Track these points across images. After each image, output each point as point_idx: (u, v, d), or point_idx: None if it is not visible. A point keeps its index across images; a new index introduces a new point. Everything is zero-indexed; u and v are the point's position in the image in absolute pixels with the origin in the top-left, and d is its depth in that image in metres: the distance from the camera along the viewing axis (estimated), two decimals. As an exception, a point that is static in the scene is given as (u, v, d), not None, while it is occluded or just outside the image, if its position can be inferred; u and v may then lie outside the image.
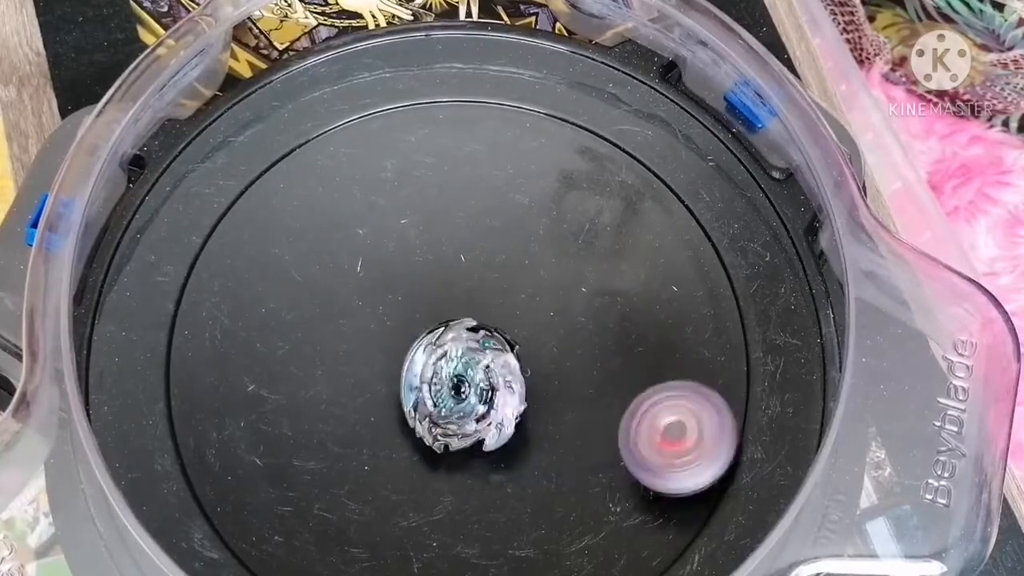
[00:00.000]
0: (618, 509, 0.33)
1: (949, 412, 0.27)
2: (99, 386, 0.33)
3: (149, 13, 0.44)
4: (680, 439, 0.31)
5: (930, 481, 0.27)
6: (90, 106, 0.36)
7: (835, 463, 0.28)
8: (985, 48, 0.43)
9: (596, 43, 0.39)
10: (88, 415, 0.31)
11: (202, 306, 0.35)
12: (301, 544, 0.32)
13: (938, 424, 0.27)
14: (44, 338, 0.29)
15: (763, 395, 0.34)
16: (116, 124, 0.32)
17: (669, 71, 0.38)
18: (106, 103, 0.33)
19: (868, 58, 0.46)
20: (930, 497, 0.27)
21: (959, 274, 0.29)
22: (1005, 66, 0.43)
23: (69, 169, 0.32)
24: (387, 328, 0.35)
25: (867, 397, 0.28)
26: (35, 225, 0.34)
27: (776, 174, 0.37)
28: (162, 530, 0.30)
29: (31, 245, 0.33)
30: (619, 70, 0.38)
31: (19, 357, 0.32)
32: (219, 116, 0.37)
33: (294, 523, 0.32)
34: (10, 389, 0.34)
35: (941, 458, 0.27)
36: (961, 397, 0.28)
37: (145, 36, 0.43)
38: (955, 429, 0.27)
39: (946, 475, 0.27)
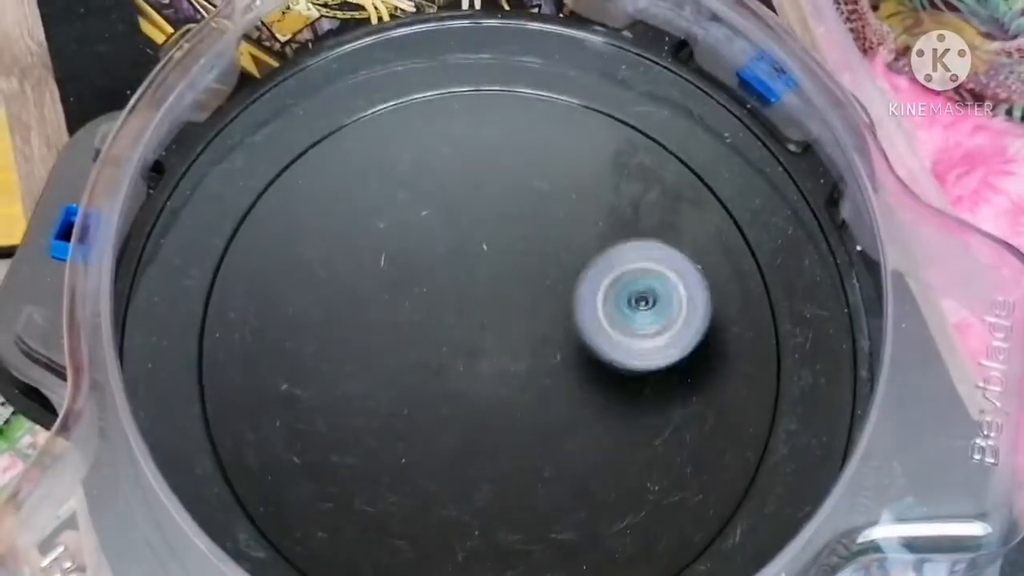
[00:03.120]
0: (656, 488, 0.33)
1: (992, 373, 0.28)
2: (133, 393, 0.33)
3: (151, 5, 0.43)
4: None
5: (977, 441, 0.27)
6: (104, 115, 0.36)
7: (876, 431, 0.29)
8: (989, 36, 0.43)
9: (606, 25, 0.39)
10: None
11: (230, 308, 0.35)
12: (344, 539, 0.32)
13: (982, 385, 0.28)
14: (84, 351, 0.29)
15: (794, 367, 0.34)
16: (141, 132, 0.32)
17: (680, 50, 0.38)
18: (131, 110, 0.33)
19: (872, 47, 0.46)
20: (978, 457, 0.27)
21: (989, 236, 0.29)
22: (1009, 55, 0.43)
23: (98, 180, 0.32)
24: (414, 320, 0.35)
25: (907, 363, 0.28)
26: (59, 237, 0.34)
27: (793, 147, 0.37)
28: (207, 532, 0.30)
29: (56, 258, 0.33)
30: (631, 51, 0.38)
31: (52, 371, 0.32)
32: (235, 118, 0.37)
33: (336, 519, 0.32)
34: (42, 399, 0.34)
35: (987, 418, 0.27)
36: (1001, 357, 0.28)
37: (147, 28, 0.43)
38: (998, 389, 0.28)
39: (993, 434, 0.27)
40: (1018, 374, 0.28)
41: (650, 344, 0.32)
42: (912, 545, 0.28)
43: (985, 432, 0.27)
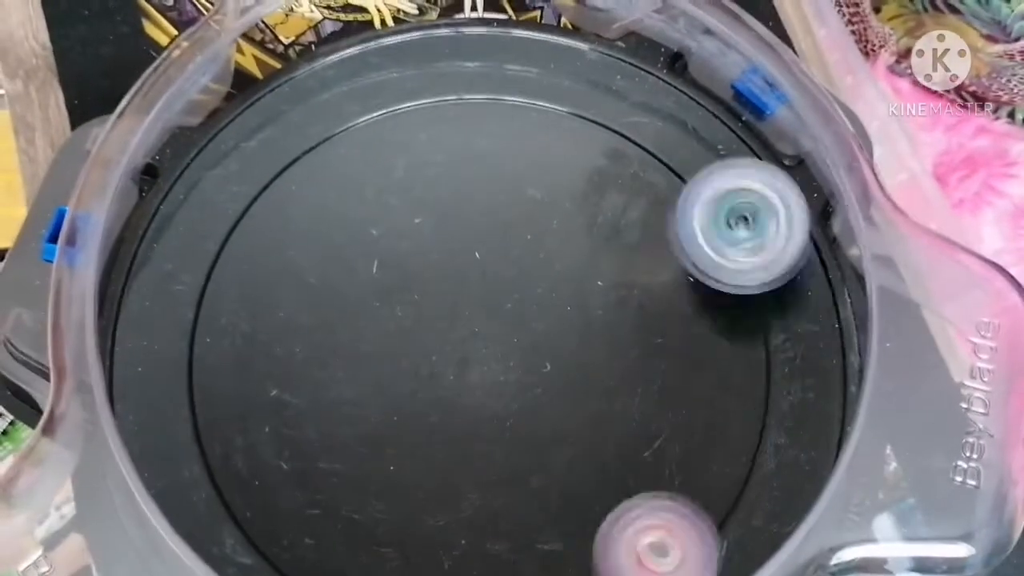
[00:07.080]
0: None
1: (975, 394, 0.28)
2: (123, 397, 0.33)
3: (155, 7, 0.44)
4: (662, 559, 0.30)
5: (959, 463, 0.27)
6: (100, 117, 0.36)
7: (860, 447, 0.29)
8: (991, 39, 0.43)
9: (602, 37, 0.39)
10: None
11: (221, 313, 0.35)
12: (331, 546, 0.32)
13: (965, 406, 0.28)
14: (69, 353, 0.29)
15: (784, 381, 0.34)
16: (130, 136, 0.32)
17: (675, 62, 0.38)
18: (120, 114, 0.33)
19: (874, 50, 0.46)
20: (960, 479, 0.27)
21: (977, 256, 0.29)
22: (1011, 57, 0.43)
23: (86, 183, 0.32)
24: (405, 328, 0.35)
25: (892, 381, 0.28)
26: (51, 240, 0.34)
27: (787, 161, 0.37)
28: (193, 537, 0.30)
29: (47, 260, 0.33)
30: (627, 62, 0.38)
31: (40, 373, 0.32)
32: (229, 122, 0.37)
33: (323, 525, 0.32)
34: (31, 402, 0.34)
35: (970, 439, 0.27)
36: (986, 379, 0.28)
37: (151, 30, 0.43)
38: (982, 411, 0.27)
39: (975, 456, 0.27)
40: (1003, 396, 0.28)
41: (748, 263, 0.32)
42: (898, 565, 0.28)
43: (968, 454, 0.27)
